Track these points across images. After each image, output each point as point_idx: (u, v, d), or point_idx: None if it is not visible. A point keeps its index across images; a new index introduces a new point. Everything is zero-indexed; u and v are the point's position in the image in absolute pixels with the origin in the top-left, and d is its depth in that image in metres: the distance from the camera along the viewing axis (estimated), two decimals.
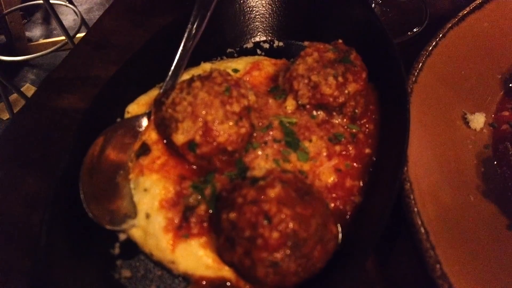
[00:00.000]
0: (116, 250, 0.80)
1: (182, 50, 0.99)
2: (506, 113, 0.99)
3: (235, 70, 0.99)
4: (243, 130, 0.80)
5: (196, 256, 0.74)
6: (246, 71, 0.99)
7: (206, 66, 1.02)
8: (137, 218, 0.79)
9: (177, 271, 0.76)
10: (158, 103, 0.86)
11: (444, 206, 0.79)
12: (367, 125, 0.91)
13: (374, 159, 0.85)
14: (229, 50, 1.17)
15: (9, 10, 4.44)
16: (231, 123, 0.79)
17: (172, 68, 0.96)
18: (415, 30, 1.27)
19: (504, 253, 0.76)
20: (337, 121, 0.90)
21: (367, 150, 0.87)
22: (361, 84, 0.89)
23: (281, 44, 1.18)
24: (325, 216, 0.70)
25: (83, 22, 3.99)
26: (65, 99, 1.14)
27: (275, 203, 0.65)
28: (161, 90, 0.94)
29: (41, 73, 4.88)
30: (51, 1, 3.70)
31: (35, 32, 5.94)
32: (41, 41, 5.37)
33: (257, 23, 1.19)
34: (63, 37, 3.74)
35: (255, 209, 0.65)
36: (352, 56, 0.92)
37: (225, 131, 0.78)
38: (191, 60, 1.02)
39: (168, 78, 0.96)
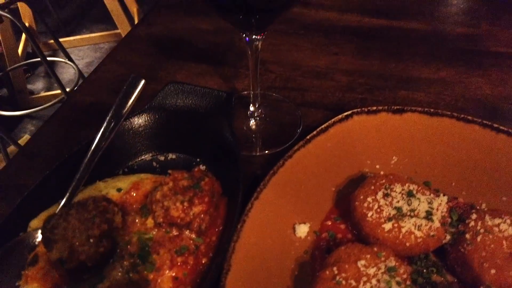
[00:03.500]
0: None
1: (80, 174, 1.27)
2: (329, 223, 1.25)
3: (119, 190, 1.27)
4: (101, 249, 1.07)
5: None
6: (127, 190, 1.26)
7: (99, 186, 1.30)
8: None
9: None
10: (44, 225, 1.13)
11: None
12: (211, 238, 1.17)
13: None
14: (130, 163, 1.46)
15: (13, 66, 4.83)
16: (91, 244, 1.06)
17: (68, 193, 1.24)
18: (289, 143, 1.56)
19: None
20: (185, 236, 1.16)
21: (204, 260, 1.13)
22: (204, 206, 1.16)
23: (173, 156, 1.48)
24: None
25: (81, 76, 4.50)
26: None
27: None
28: (57, 211, 1.21)
29: (41, 125, 5.27)
30: (51, 59, 4.14)
31: (38, 85, 6.34)
32: (42, 94, 5.75)
33: (152, 140, 1.48)
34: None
35: None
36: (203, 182, 1.21)
37: (85, 251, 1.05)
38: (98, 173, 1.31)
39: (65, 199, 1.24)
